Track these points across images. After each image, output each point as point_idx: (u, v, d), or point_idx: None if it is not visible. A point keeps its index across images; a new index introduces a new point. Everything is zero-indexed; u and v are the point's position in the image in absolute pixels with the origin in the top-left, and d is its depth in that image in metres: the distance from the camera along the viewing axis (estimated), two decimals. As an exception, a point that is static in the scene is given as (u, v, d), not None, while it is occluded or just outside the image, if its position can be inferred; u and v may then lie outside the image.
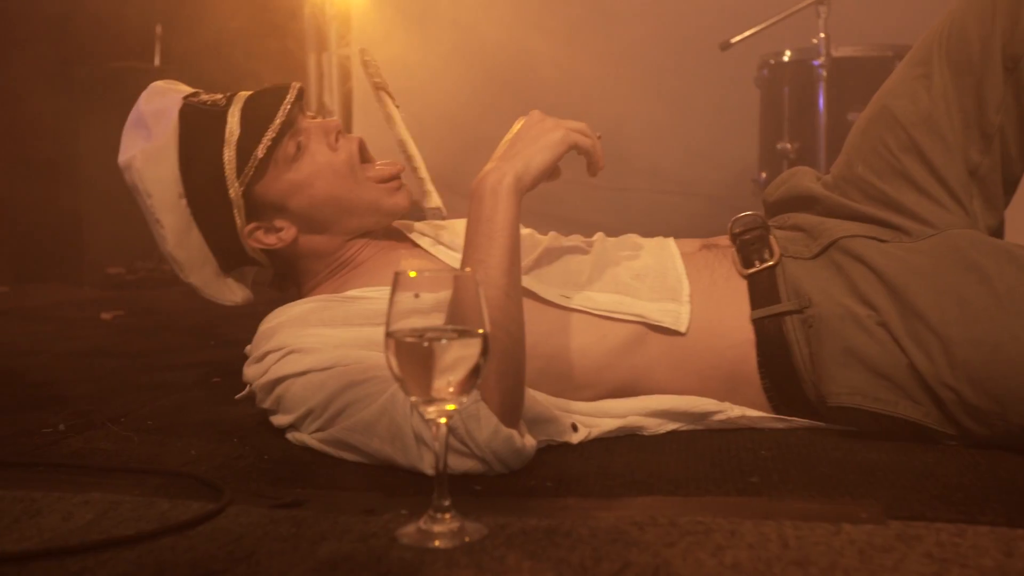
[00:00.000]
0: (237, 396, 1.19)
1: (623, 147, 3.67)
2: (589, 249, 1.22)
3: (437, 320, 0.78)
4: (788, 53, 2.72)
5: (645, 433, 1.11)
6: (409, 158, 1.25)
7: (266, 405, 1.07)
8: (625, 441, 1.09)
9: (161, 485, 0.94)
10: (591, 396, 1.11)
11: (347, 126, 4.05)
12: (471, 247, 0.98)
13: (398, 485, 0.92)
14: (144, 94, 1.21)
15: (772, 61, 2.75)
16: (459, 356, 0.76)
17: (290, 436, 1.05)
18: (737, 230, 1.19)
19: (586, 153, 1.08)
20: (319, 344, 1.02)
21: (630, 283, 1.13)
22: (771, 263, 1.13)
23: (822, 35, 2.44)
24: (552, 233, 1.28)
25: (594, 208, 3.80)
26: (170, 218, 1.14)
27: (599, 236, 1.28)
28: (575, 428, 1.07)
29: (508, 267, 0.96)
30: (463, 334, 0.76)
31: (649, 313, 1.09)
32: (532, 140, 1.03)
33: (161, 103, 1.18)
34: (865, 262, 1.08)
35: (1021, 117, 1.11)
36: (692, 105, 3.51)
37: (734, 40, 2.48)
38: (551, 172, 1.05)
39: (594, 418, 1.10)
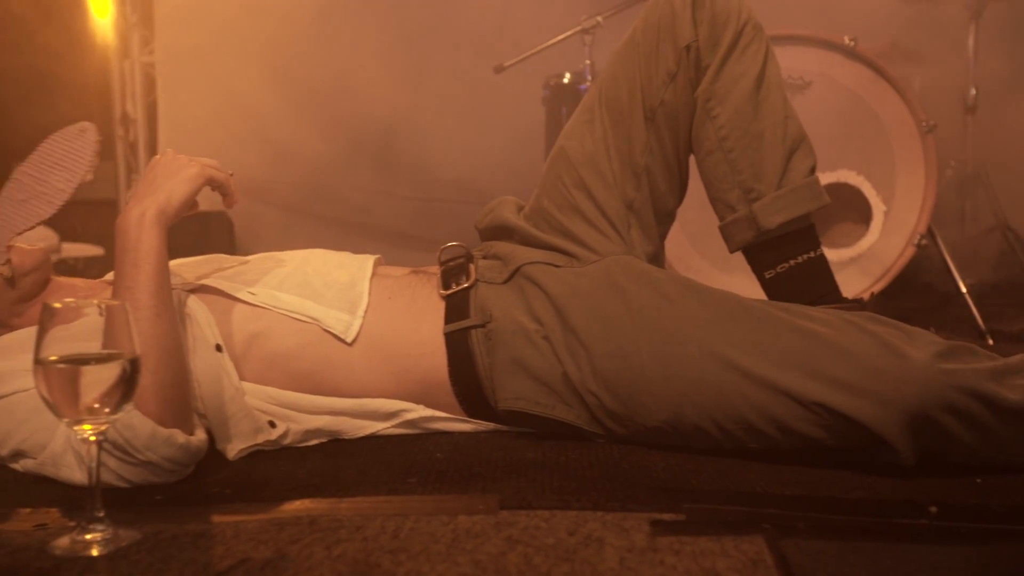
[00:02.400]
0: None
1: (429, 160, 3.80)
2: (305, 260, 1.33)
3: (95, 346, 0.86)
4: (567, 75, 2.92)
5: (345, 437, 1.23)
6: None
7: None
8: (321, 448, 1.20)
9: None
10: (287, 386, 1.21)
11: (152, 137, 3.97)
12: (119, 276, 1.06)
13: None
14: None
15: (553, 82, 2.94)
16: (101, 378, 0.84)
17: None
18: (444, 258, 1.33)
19: (220, 187, 1.18)
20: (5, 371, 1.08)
21: (320, 290, 1.24)
22: (466, 285, 1.27)
23: (588, 61, 2.65)
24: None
25: (403, 219, 3.93)
26: None
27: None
28: (273, 425, 1.17)
29: (156, 290, 1.05)
30: (106, 357, 0.85)
31: (324, 318, 1.21)
32: (171, 175, 1.12)
33: None
34: (539, 285, 1.23)
35: (665, 159, 1.29)
36: (492, 121, 3.67)
37: (507, 64, 2.65)
38: (191, 204, 1.14)
39: (296, 412, 1.20)
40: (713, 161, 1.26)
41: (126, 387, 0.86)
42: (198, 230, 3.63)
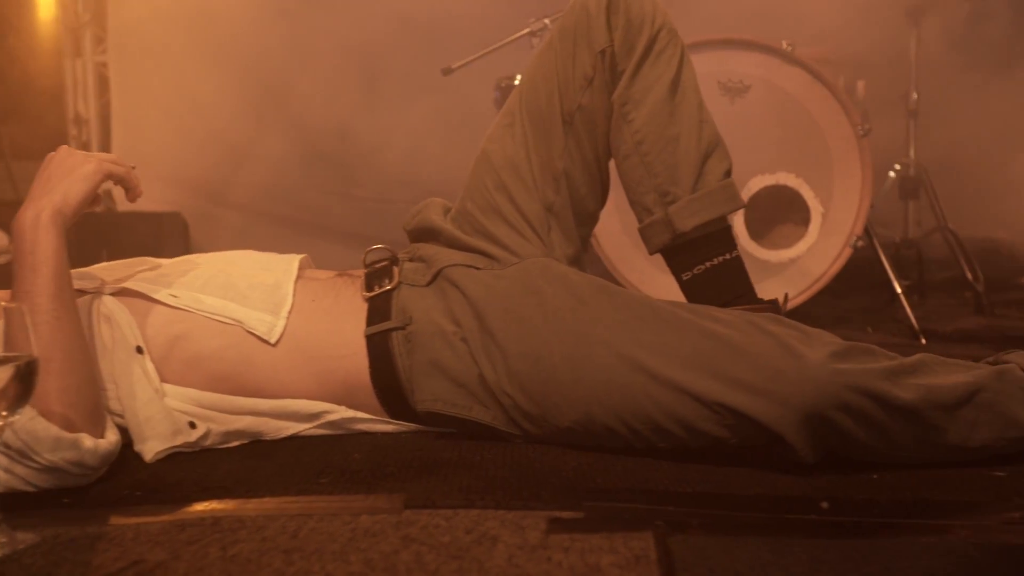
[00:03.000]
0: None
1: (386, 162, 3.80)
2: (232, 262, 1.33)
3: (-2, 350, 0.87)
4: (518, 77, 2.93)
5: (266, 438, 1.24)
6: None
7: None
8: (241, 449, 1.21)
9: None
10: (209, 387, 1.21)
11: (106, 138, 3.94)
12: (18, 280, 1.05)
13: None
14: None
15: (504, 84, 2.95)
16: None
17: None
18: (369, 260, 1.34)
19: (121, 181, 1.16)
20: None
21: (244, 291, 1.25)
22: (389, 288, 1.28)
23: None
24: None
25: (360, 219, 3.93)
26: None
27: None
28: (193, 425, 1.18)
29: (55, 293, 1.04)
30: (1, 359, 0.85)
31: (246, 319, 1.21)
32: (66, 173, 1.10)
33: None
34: (459, 287, 1.24)
35: (585, 162, 1.31)
36: (447, 122, 3.68)
37: (455, 66, 2.66)
38: (91, 200, 1.12)
39: (217, 413, 1.21)
40: (630, 165, 1.28)
41: (21, 388, 0.86)
42: (150, 232, 3.61)
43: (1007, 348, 1.20)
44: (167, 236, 3.66)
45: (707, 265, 1.26)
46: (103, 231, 3.55)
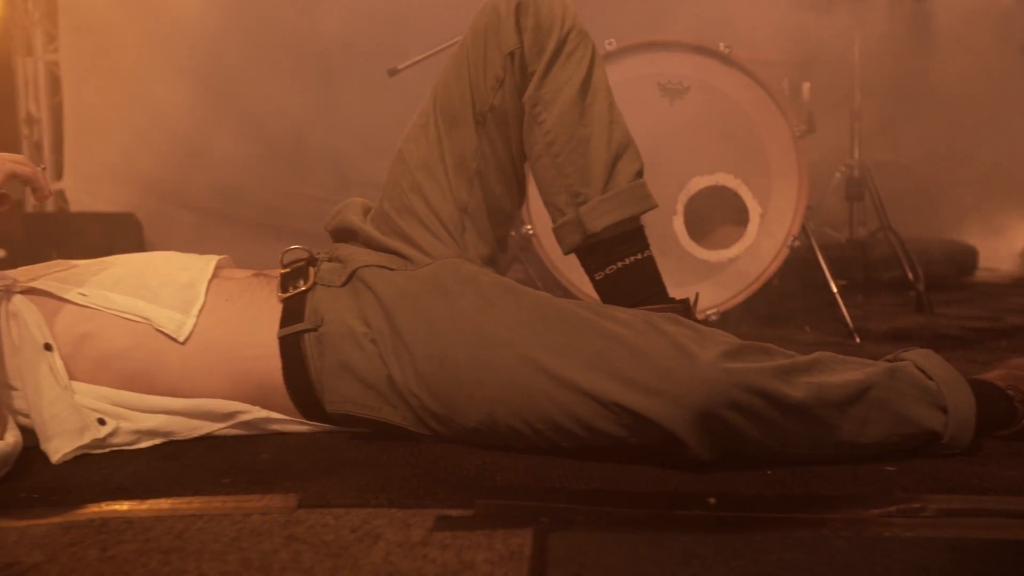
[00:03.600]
0: None
1: (341, 161, 3.80)
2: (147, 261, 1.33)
3: None
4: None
5: (179, 438, 1.24)
6: None
7: None
8: (151, 450, 1.20)
9: None
10: (120, 386, 1.21)
11: (58, 138, 3.90)
12: None
13: None
14: None
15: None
16: None
17: None
18: (286, 261, 1.34)
19: (28, 180, 1.16)
20: None
21: (156, 290, 1.24)
22: (303, 288, 1.28)
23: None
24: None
25: (315, 220, 3.89)
26: None
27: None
28: (102, 422, 1.17)
29: None
30: None
31: (156, 317, 1.21)
32: None
33: None
34: (372, 288, 1.25)
35: (499, 163, 1.32)
36: (402, 123, 3.67)
37: (400, 67, 2.66)
38: None
39: (129, 411, 1.20)
40: (542, 165, 1.29)
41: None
42: (102, 232, 3.58)
43: (938, 346, 1.23)
44: (119, 237, 3.63)
45: (619, 265, 1.28)
46: (53, 232, 3.53)
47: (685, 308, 1.27)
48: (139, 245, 3.74)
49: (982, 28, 3.41)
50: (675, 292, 2.29)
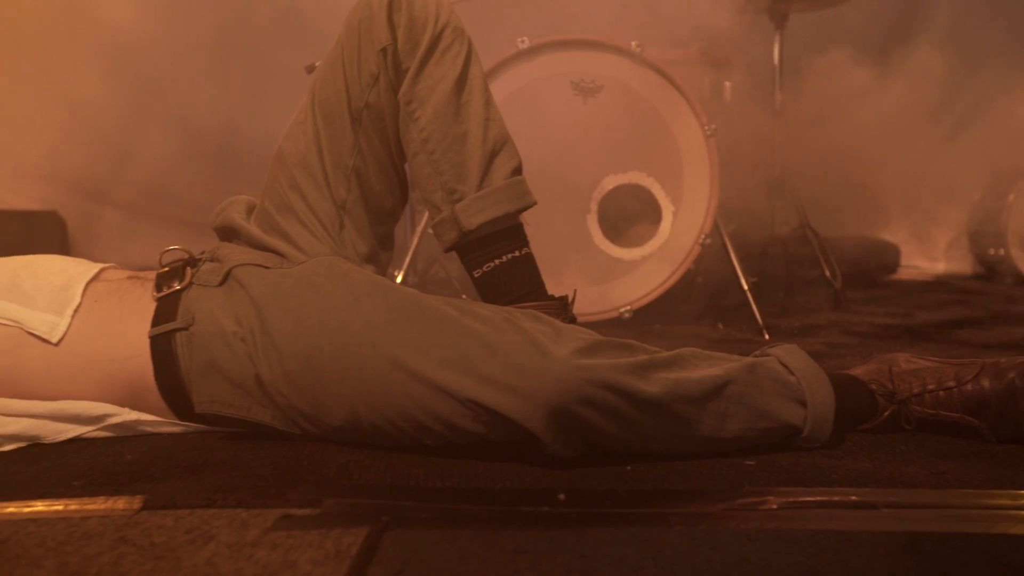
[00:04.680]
0: None
1: (269, 160, 3.75)
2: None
3: None
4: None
5: (45, 441, 1.21)
6: None
7: None
8: (13, 453, 1.17)
9: None
10: None
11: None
12: None
13: None
14: None
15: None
16: None
17: None
18: (165, 261, 1.32)
19: None
20: None
21: (30, 293, 1.22)
22: (178, 288, 1.26)
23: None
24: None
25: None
26: None
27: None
28: None
29: None
30: None
31: (27, 320, 1.18)
32: None
33: None
34: (245, 287, 1.23)
35: (377, 159, 1.31)
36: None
37: (318, 63, 2.63)
38: None
39: None
40: (418, 163, 1.28)
41: None
42: (21, 231, 3.50)
43: (845, 342, 1.24)
44: (41, 235, 3.55)
45: (496, 263, 1.27)
46: (-30, 230, 3.43)
47: (562, 305, 1.27)
48: (62, 243, 3.66)
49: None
50: (587, 290, 2.32)
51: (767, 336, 2.24)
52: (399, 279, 2.37)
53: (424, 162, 1.27)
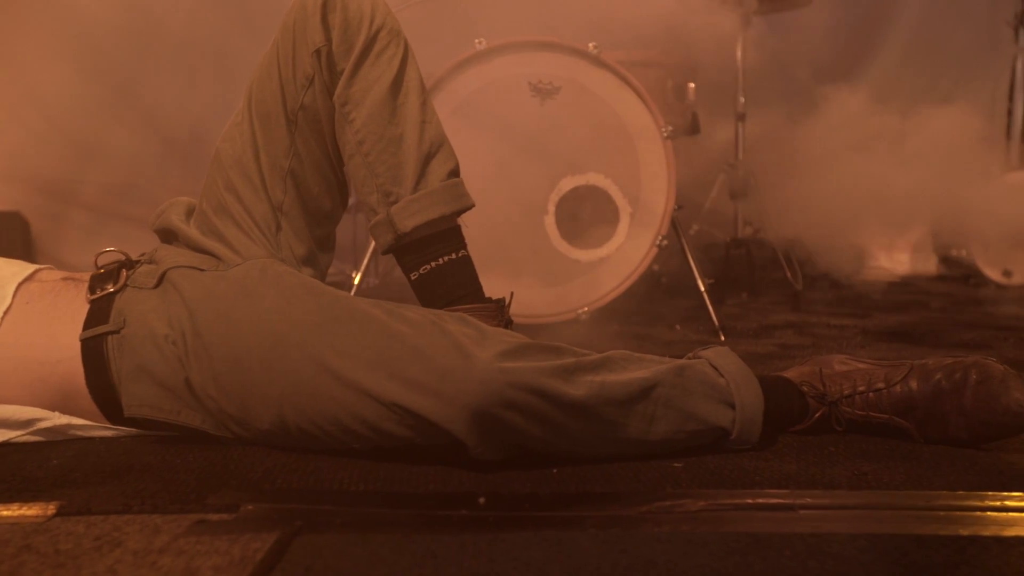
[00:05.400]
0: None
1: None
2: None
3: None
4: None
5: (-26, 446, 1.20)
6: None
7: None
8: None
9: None
10: None
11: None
12: None
13: None
14: None
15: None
16: None
17: None
18: (101, 263, 1.31)
19: None
20: None
21: None
22: (111, 290, 1.25)
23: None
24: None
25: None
26: None
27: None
28: None
29: None
30: None
31: None
32: None
33: None
34: (179, 289, 1.22)
35: (314, 161, 1.31)
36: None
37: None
38: None
39: None
40: (354, 165, 1.28)
41: None
42: (-18, 231, 3.46)
43: (799, 343, 1.24)
44: (4, 237, 3.51)
45: (432, 265, 1.27)
46: (-69, 231, 3.40)
47: (499, 308, 1.27)
48: (25, 244, 3.63)
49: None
50: (544, 292, 2.32)
51: (722, 337, 2.25)
52: (356, 280, 2.36)
53: (360, 164, 1.27)
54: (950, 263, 3.64)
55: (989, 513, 0.90)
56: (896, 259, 3.95)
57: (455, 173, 1.30)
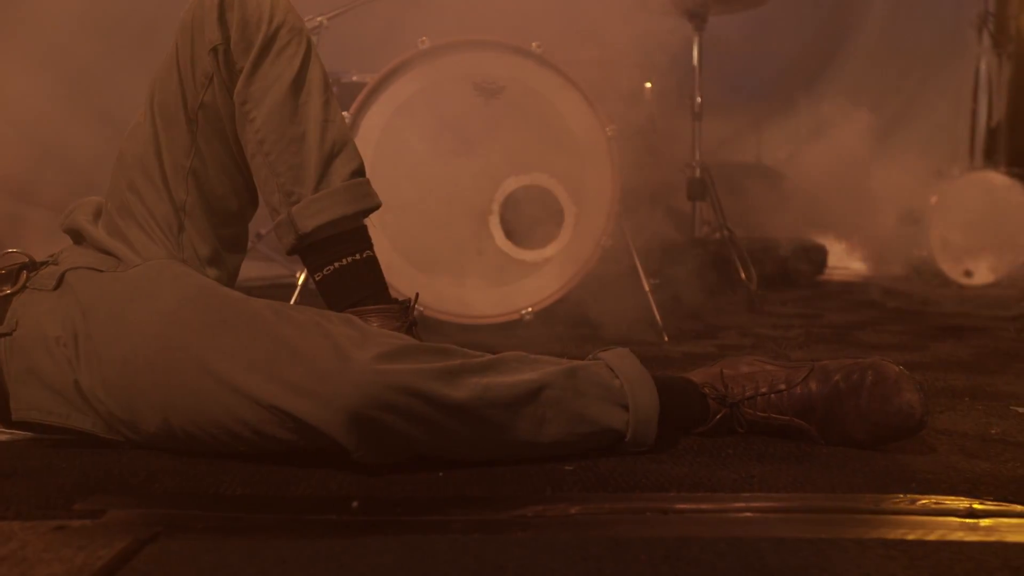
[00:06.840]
0: None
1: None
2: None
3: None
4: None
5: None
6: None
7: None
8: None
9: None
10: None
11: None
12: None
13: None
14: None
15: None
16: None
17: None
18: (1, 264, 1.28)
19: None
20: None
21: None
22: (8, 292, 1.23)
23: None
24: None
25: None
26: None
27: None
28: None
29: None
30: None
31: None
32: None
33: None
34: (75, 291, 1.20)
35: (218, 160, 1.29)
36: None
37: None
38: None
39: None
40: (256, 164, 1.26)
41: None
42: (-65, 233, 3.43)
43: (740, 344, 1.23)
44: (-41, 238, 3.48)
45: (335, 266, 1.25)
46: None
47: (403, 309, 1.25)
48: (-16, 245, 3.59)
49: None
50: (488, 292, 2.30)
51: (666, 338, 2.24)
52: (300, 280, 2.34)
53: (261, 164, 1.25)
54: (911, 263, 3.64)
55: (859, 515, 0.89)
56: (859, 258, 3.94)
57: (359, 173, 1.28)
